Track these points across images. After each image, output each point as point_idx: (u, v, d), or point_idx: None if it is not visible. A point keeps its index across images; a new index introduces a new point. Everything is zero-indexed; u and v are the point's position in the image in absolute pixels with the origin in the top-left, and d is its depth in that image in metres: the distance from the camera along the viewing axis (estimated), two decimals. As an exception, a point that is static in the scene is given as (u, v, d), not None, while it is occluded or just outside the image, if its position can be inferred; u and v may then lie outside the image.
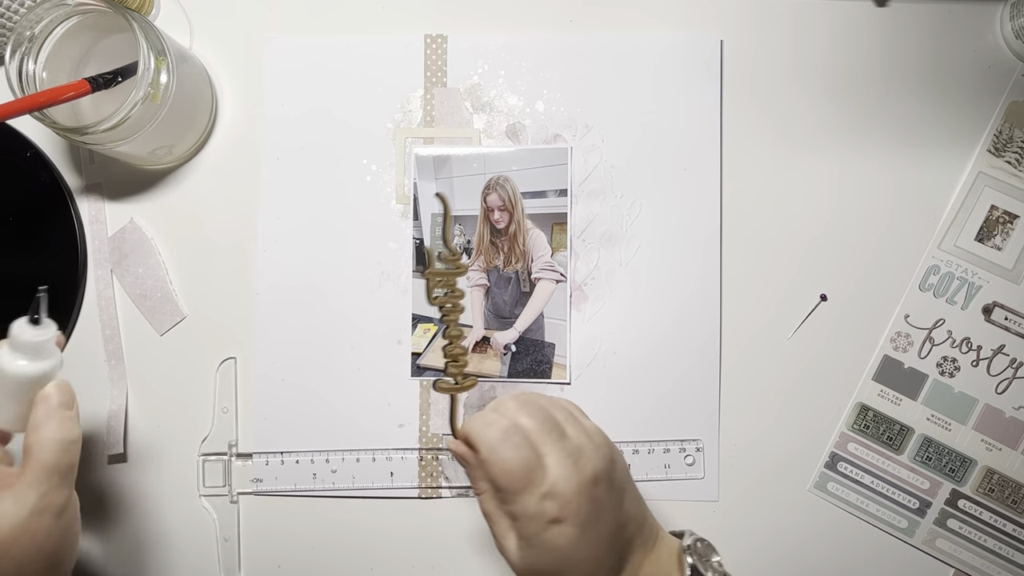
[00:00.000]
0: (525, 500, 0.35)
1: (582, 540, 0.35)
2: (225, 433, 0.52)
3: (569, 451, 0.36)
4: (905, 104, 0.53)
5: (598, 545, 0.35)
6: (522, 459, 0.35)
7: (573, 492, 0.35)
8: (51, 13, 0.44)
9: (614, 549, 0.36)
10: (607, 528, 0.35)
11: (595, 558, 0.35)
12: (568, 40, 0.53)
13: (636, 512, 0.38)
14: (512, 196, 0.52)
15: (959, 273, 0.52)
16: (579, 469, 0.35)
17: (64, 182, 0.52)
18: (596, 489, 0.35)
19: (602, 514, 0.35)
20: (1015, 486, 0.51)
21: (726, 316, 0.52)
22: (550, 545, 0.35)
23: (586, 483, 0.35)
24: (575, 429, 0.37)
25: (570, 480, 0.35)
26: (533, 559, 0.36)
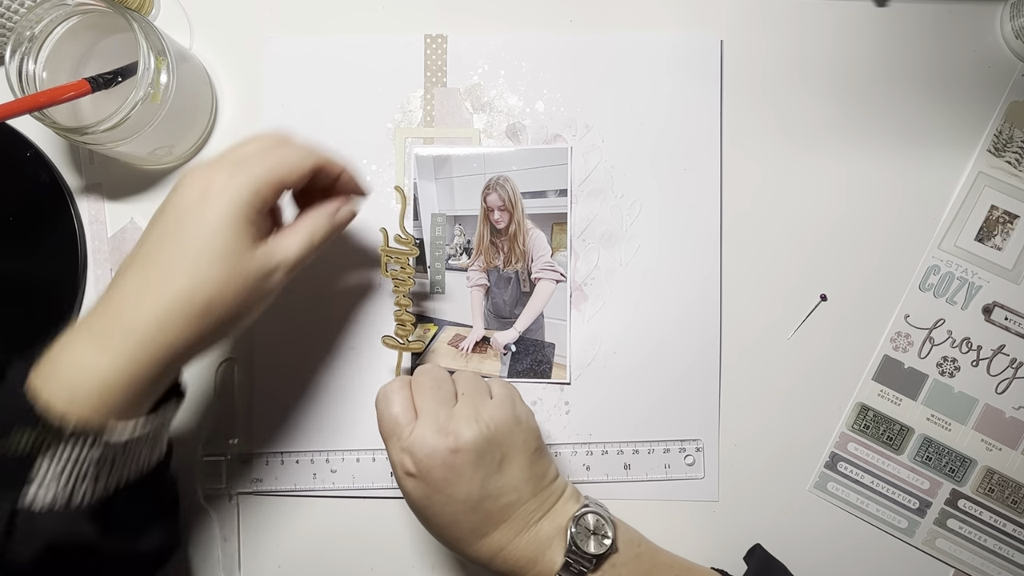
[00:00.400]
0: (391, 448, 0.41)
1: (434, 497, 0.40)
2: (225, 433, 0.52)
3: (441, 420, 0.40)
4: (905, 104, 0.53)
5: (451, 505, 0.39)
6: (390, 415, 0.41)
7: (426, 454, 0.39)
8: (51, 13, 0.44)
9: (476, 513, 0.40)
10: (464, 493, 0.39)
11: (450, 516, 0.40)
12: (568, 40, 0.53)
13: (522, 486, 0.41)
14: (512, 196, 0.52)
15: (959, 273, 0.52)
16: (442, 437, 0.39)
17: (64, 182, 0.52)
18: (455, 457, 0.39)
19: (459, 480, 0.39)
20: (1015, 486, 0.51)
21: (726, 316, 0.52)
22: (406, 492, 0.41)
23: (443, 450, 0.39)
24: (467, 404, 0.41)
25: (426, 443, 0.39)
26: (407, 502, 0.42)
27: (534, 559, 0.40)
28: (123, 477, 0.37)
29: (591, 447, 0.51)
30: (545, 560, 0.40)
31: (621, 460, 0.51)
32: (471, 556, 0.41)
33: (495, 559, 0.41)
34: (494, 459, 0.40)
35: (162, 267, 0.36)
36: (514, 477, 0.41)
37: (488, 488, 0.40)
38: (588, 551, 0.40)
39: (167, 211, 0.37)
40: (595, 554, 0.40)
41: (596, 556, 0.40)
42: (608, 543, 0.40)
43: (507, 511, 0.40)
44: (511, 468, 0.41)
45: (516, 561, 0.40)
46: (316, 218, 0.42)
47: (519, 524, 0.41)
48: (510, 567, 0.40)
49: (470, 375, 0.45)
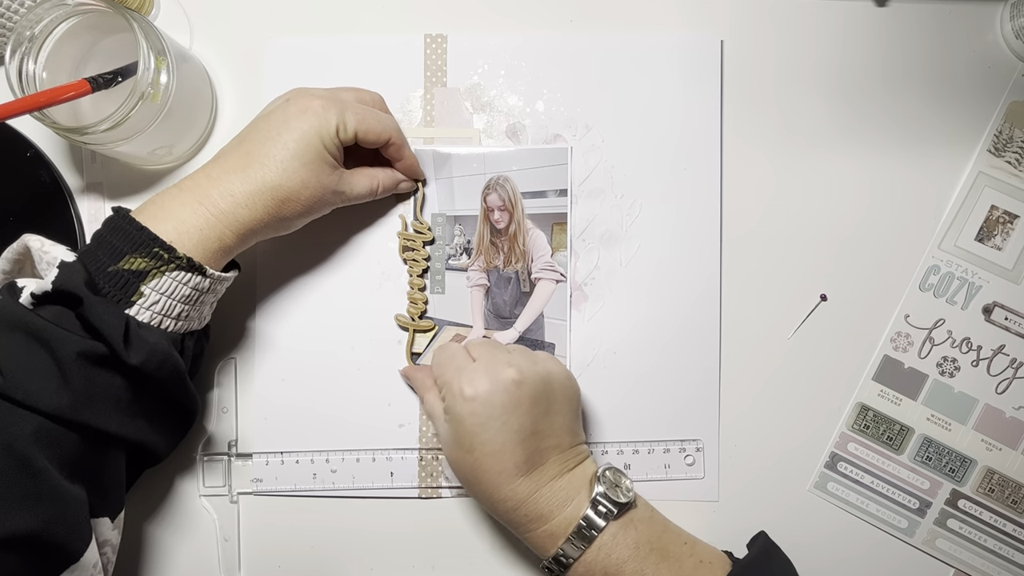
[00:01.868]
0: (451, 377, 0.44)
1: (491, 422, 0.42)
2: (225, 433, 0.52)
3: (502, 357, 0.43)
4: (905, 104, 0.53)
5: (504, 433, 0.42)
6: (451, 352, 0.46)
7: (492, 379, 0.42)
8: (51, 13, 0.44)
9: (523, 447, 0.42)
10: (518, 423, 0.42)
11: (500, 444, 0.42)
12: (568, 40, 0.53)
13: (563, 434, 0.44)
14: (512, 196, 0.52)
15: (959, 273, 0.52)
16: (506, 367, 0.43)
17: (64, 182, 0.52)
18: (517, 390, 0.42)
19: (517, 410, 0.42)
20: (1015, 486, 0.51)
21: (726, 316, 0.52)
22: (460, 418, 0.42)
23: (508, 379, 0.42)
24: (523, 352, 0.45)
25: (493, 369, 0.43)
26: (455, 433, 0.43)
27: (562, 504, 0.42)
28: (192, 322, 0.44)
29: (591, 447, 0.51)
30: (572, 506, 0.42)
31: (621, 460, 0.51)
32: (503, 495, 0.42)
33: (527, 501, 0.42)
34: (547, 401, 0.43)
35: (260, 158, 0.43)
36: (559, 424, 0.44)
37: (539, 425, 0.43)
38: (616, 499, 0.42)
39: (273, 115, 0.44)
40: (621, 502, 0.42)
41: (621, 505, 0.42)
42: (631, 495, 0.43)
43: (548, 454, 0.43)
44: (557, 416, 0.44)
45: (547, 504, 0.42)
46: (386, 176, 0.49)
47: (553, 470, 0.43)
48: (539, 510, 0.42)
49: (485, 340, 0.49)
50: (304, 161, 0.43)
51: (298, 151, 0.43)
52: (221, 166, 0.44)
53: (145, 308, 0.40)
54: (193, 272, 0.41)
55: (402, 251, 0.52)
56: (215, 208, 0.42)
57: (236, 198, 0.43)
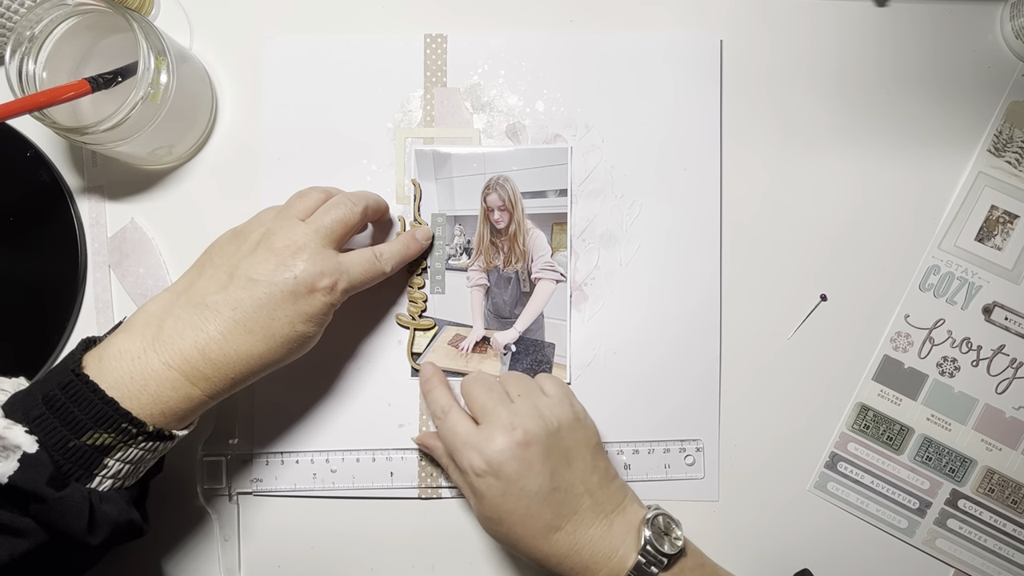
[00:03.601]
0: (460, 455, 0.43)
1: (508, 492, 0.41)
2: (225, 433, 0.52)
3: (504, 418, 0.42)
4: (905, 104, 0.53)
5: (525, 499, 0.41)
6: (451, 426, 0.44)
7: (497, 450, 0.41)
8: (51, 13, 0.44)
9: (549, 505, 0.41)
10: (536, 485, 0.41)
11: (524, 510, 0.41)
12: (568, 40, 0.53)
13: (589, 480, 0.43)
14: (512, 196, 0.52)
15: (959, 273, 0.52)
16: (510, 432, 0.42)
17: (64, 182, 0.52)
18: (525, 451, 0.41)
19: (531, 472, 0.41)
20: (1015, 486, 0.51)
21: (726, 316, 0.52)
22: (480, 494, 0.42)
23: (513, 445, 0.41)
24: (527, 403, 0.44)
25: (496, 440, 0.42)
26: (479, 508, 0.43)
27: (608, 555, 0.41)
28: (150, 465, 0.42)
29: (591, 447, 0.51)
30: (618, 556, 0.41)
31: (621, 460, 0.51)
32: (545, 553, 0.42)
33: (570, 555, 0.41)
34: (560, 451, 0.43)
35: (253, 332, 0.40)
36: (580, 470, 0.43)
37: (558, 479, 0.42)
38: (663, 550, 0.41)
39: (262, 284, 0.40)
40: (668, 553, 0.41)
41: (669, 556, 0.41)
42: (680, 544, 0.41)
43: (577, 503, 0.42)
44: (576, 461, 0.43)
45: (591, 556, 0.41)
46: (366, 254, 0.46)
47: (590, 518, 0.42)
48: (584, 562, 0.41)
49: (518, 375, 0.47)
50: (293, 344, 0.42)
51: (308, 331, 0.42)
52: (211, 337, 0.39)
53: (107, 478, 0.38)
54: (163, 440, 0.39)
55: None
56: (206, 386, 0.40)
57: (229, 378, 0.40)
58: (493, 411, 0.43)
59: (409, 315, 0.52)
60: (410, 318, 0.51)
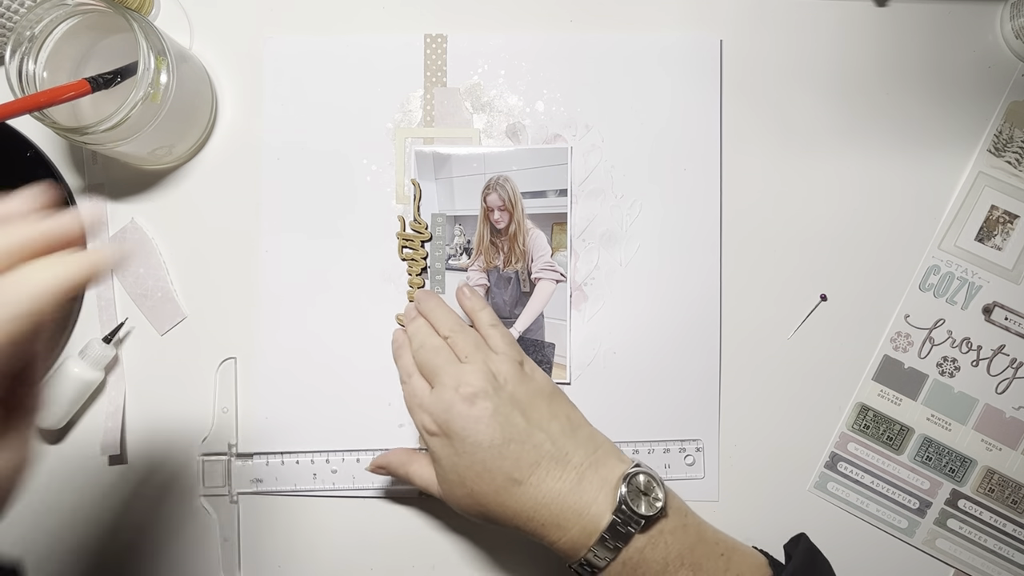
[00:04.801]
0: (416, 417, 0.43)
1: (459, 450, 0.41)
2: (225, 433, 0.52)
3: (452, 376, 0.42)
4: (905, 104, 0.53)
5: (478, 452, 0.40)
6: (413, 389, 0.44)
7: (443, 408, 0.41)
8: (51, 13, 0.44)
9: (505, 458, 0.40)
10: (487, 438, 0.40)
11: (480, 465, 0.40)
12: (568, 40, 0.53)
13: (548, 428, 0.42)
14: (512, 196, 0.52)
15: (959, 273, 0.52)
16: (453, 391, 0.41)
17: (64, 182, 0.52)
18: (470, 407, 0.41)
19: (478, 426, 0.40)
20: (1015, 486, 0.51)
21: (726, 316, 0.52)
22: (436, 456, 0.42)
23: (458, 401, 0.41)
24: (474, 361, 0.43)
25: (441, 399, 0.41)
26: (440, 474, 0.43)
27: (578, 511, 0.39)
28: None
29: (591, 447, 0.51)
30: (591, 514, 0.39)
31: (621, 460, 0.51)
32: (513, 510, 0.40)
33: (538, 509, 0.40)
34: (511, 403, 0.42)
35: None
36: (537, 419, 0.42)
37: (511, 431, 0.41)
38: (639, 511, 0.39)
39: None
40: (645, 515, 0.39)
41: (646, 518, 0.39)
42: (659, 505, 0.39)
43: (537, 452, 0.40)
44: (531, 411, 0.42)
45: (560, 511, 0.39)
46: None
47: (555, 470, 0.40)
48: (554, 517, 0.39)
49: (468, 334, 0.45)
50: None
51: None
52: None
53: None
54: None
55: (401, 251, 0.52)
56: None
57: None
58: (441, 371, 0.43)
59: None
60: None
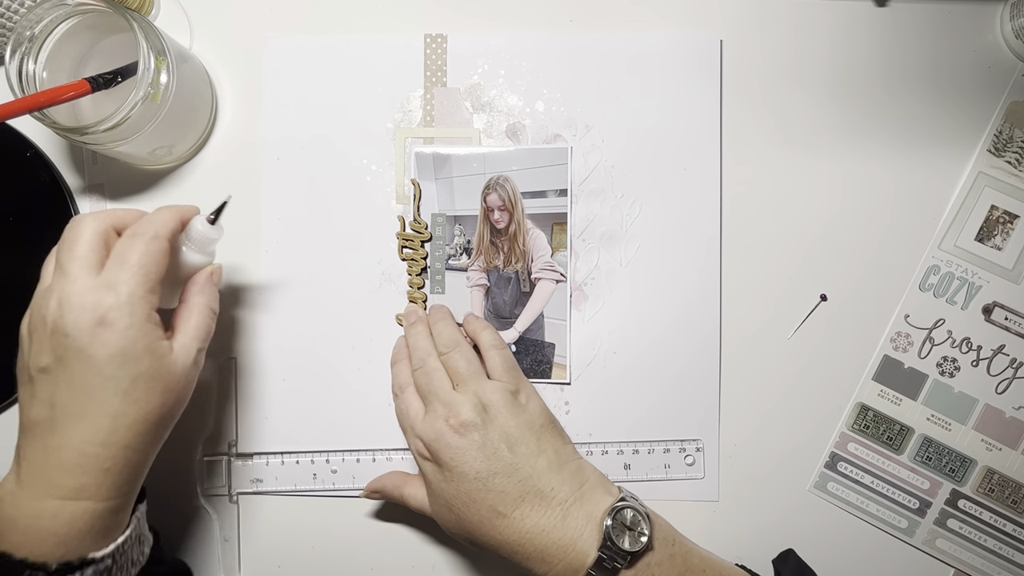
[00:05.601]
0: (409, 439, 0.44)
1: (447, 477, 0.42)
2: (225, 433, 0.52)
3: (443, 402, 0.43)
4: (905, 104, 0.53)
5: (464, 483, 0.41)
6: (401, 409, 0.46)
7: (433, 437, 0.42)
8: (51, 13, 0.44)
9: (490, 490, 0.40)
10: (473, 469, 0.41)
11: (465, 495, 0.41)
12: (568, 40, 0.53)
13: (534, 464, 0.42)
14: (512, 196, 0.52)
15: (959, 273, 0.52)
16: (443, 420, 0.42)
17: (64, 182, 0.52)
18: (458, 438, 0.41)
19: (465, 456, 0.41)
20: (1015, 486, 0.51)
21: (726, 316, 0.52)
22: (427, 479, 0.43)
23: (447, 430, 0.42)
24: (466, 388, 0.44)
25: (432, 426, 0.42)
26: (430, 496, 0.44)
27: (563, 547, 0.39)
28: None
29: (591, 447, 0.51)
30: (576, 550, 0.39)
31: (621, 460, 0.51)
32: (497, 540, 0.40)
33: (522, 543, 0.40)
34: (500, 436, 0.42)
35: (107, 413, 0.36)
36: (523, 454, 0.42)
37: (496, 464, 0.41)
38: (623, 547, 0.39)
39: (71, 358, 0.36)
40: (630, 551, 0.39)
41: (631, 553, 0.39)
42: (644, 540, 0.39)
43: (521, 488, 0.41)
44: (519, 446, 0.42)
45: (544, 546, 0.40)
46: (204, 292, 0.42)
47: (539, 505, 0.40)
48: (539, 552, 0.40)
49: (468, 356, 0.46)
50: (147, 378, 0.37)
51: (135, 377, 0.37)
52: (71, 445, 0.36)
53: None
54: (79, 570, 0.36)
55: (401, 251, 0.52)
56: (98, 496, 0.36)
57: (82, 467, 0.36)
58: (435, 397, 0.44)
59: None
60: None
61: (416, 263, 0.52)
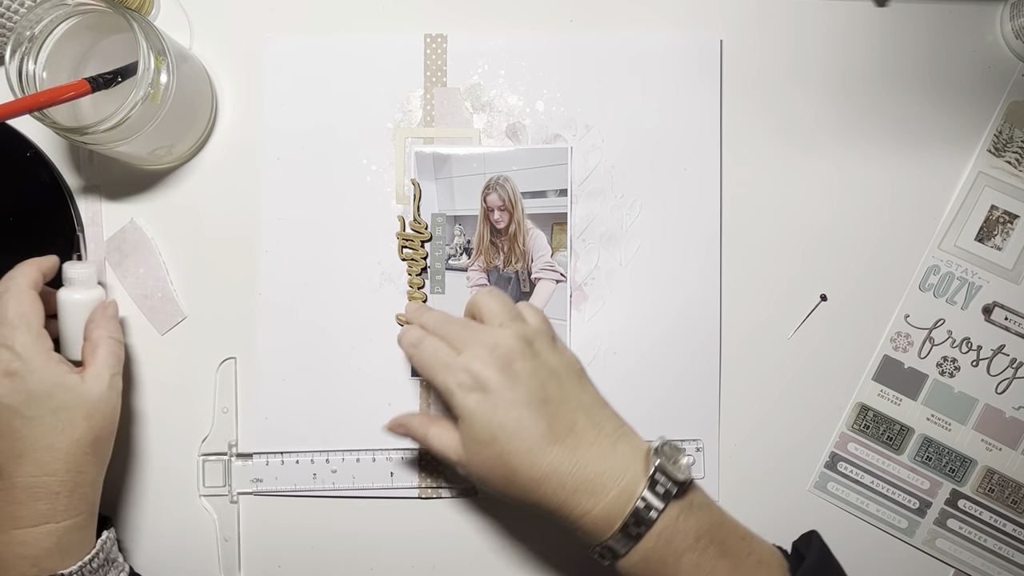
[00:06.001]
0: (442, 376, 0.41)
1: (498, 404, 0.39)
2: (225, 433, 0.52)
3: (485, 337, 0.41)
4: (905, 104, 0.53)
5: (515, 408, 0.39)
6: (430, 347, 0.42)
7: (483, 364, 0.40)
8: (51, 13, 0.44)
9: (543, 415, 0.39)
10: (526, 394, 0.40)
11: (516, 420, 0.39)
12: (568, 40, 0.53)
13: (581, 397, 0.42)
14: (512, 196, 0.52)
15: (959, 273, 0.52)
16: (492, 349, 0.40)
17: (64, 182, 0.52)
18: (511, 365, 0.40)
19: (518, 382, 0.40)
20: (1015, 486, 0.51)
21: (726, 316, 0.52)
22: (468, 412, 0.40)
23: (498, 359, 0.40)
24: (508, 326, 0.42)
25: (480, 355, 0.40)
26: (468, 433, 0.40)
27: (614, 476, 0.39)
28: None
29: (591, 447, 0.51)
30: (627, 480, 0.39)
31: (621, 460, 0.51)
32: (545, 471, 0.39)
33: (573, 472, 0.39)
34: (547, 369, 0.41)
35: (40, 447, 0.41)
36: (570, 387, 0.42)
37: (547, 391, 0.40)
38: (675, 476, 0.38)
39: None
40: (681, 480, 0.38)
41: (681, 483, 0.38)
42: (690, 472, 0.39)
43: (572, 417, 0.40)
44: (565, 380, 0.42)
45: (596, 475, 0.39)
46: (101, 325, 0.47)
47: (589, 435, 0.40)
48: (589, 480, 0.39)
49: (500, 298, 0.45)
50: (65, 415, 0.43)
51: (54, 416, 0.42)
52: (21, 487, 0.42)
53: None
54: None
55: (401, 251, 0.52)
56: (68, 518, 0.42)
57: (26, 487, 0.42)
58: (474, 336, 0.42)
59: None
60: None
61: (416, 263, 0.52)
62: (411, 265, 0.52)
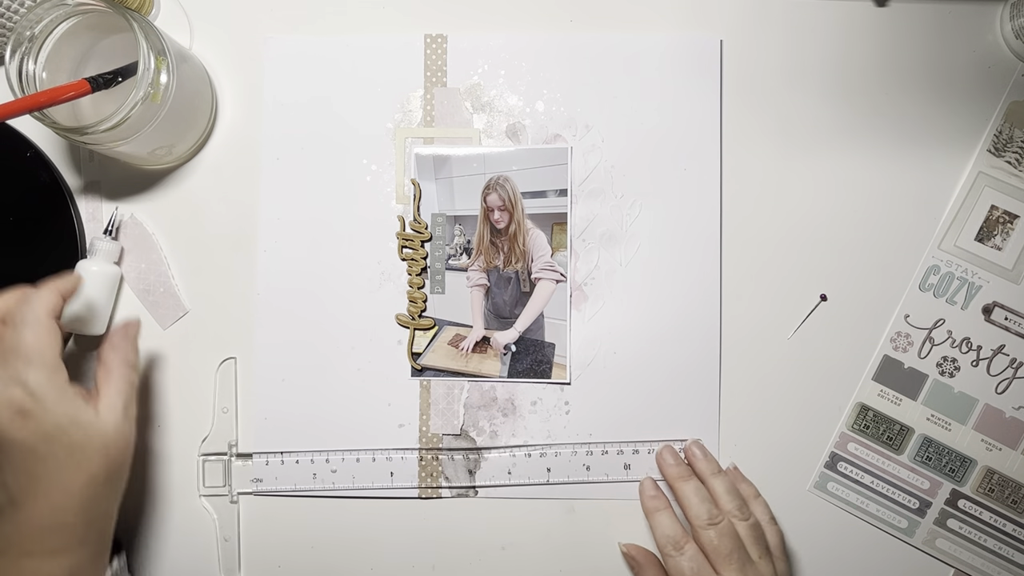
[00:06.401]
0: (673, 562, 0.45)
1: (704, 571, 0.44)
2: (225, 433, 0.52)
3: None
4: (905, 104, 0.53)
5: None
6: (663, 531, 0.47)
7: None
8: (51, 13, 0.44)
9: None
10: None
11: None
12: (568, 40, 0.53)
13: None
14: (512, 196, 0.52)
15: (959, 273, 0.52)
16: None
17: (64, 182, 0.52)
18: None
19: None
20: (1015, 486, 0.51)
21: (726, 316, 0.52)
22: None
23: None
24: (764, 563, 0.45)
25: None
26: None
27: None
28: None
29: (591, 447, 0.51)
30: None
31: (621, 460, 0.51)
32: None
33: None
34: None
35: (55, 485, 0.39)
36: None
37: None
38: None
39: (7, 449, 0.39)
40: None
41: None
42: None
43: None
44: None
45: None
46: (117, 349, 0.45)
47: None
48: None
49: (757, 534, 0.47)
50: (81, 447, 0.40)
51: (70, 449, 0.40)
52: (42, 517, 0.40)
53: None
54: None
55: (401, 251, 0.52)
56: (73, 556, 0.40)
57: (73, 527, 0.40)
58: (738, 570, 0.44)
59: (409, 315, 0.52)
60: (410, 318, 0.52)
61: (416, 263, 0.52)
62: (411, 265, 0.52)
